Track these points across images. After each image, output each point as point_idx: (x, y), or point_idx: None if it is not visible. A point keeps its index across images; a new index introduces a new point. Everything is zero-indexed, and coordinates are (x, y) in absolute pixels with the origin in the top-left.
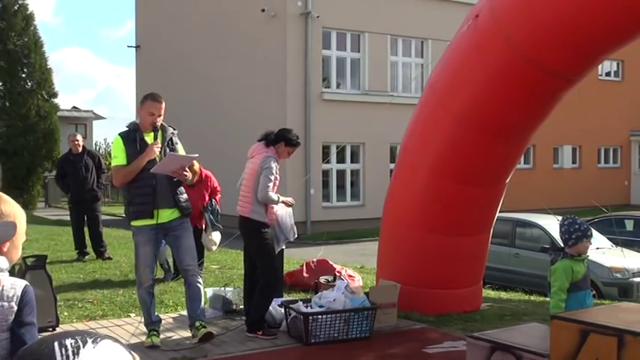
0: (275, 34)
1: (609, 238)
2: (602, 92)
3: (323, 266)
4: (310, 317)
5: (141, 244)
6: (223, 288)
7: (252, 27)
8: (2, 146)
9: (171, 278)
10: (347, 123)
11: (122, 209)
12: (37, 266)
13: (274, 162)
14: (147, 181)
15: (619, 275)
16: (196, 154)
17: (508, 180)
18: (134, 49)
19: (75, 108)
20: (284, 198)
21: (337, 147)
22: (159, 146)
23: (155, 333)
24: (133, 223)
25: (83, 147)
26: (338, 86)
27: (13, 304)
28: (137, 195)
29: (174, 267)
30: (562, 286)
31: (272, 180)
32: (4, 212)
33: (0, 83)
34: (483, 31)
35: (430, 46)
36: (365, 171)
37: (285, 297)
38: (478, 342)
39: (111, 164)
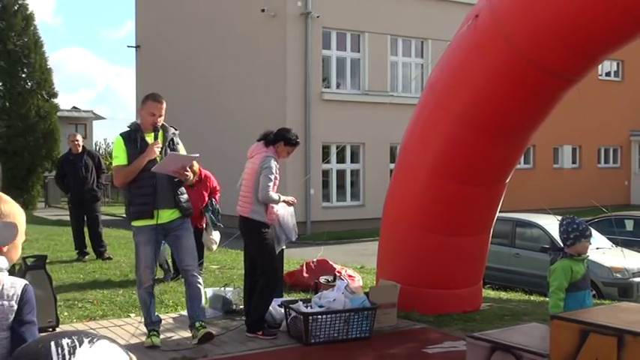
0: (275, 34)
1: (609, 238)
2: (602, 92)
3: (323, 266)
4: (310, 317)
5: (141, 245)
6: (223, 288)
7: (252, 27)
8: (2, 146)
9: (170, 278)
10: (347, 123)
11: (122, 209)
12: (37, 266)
13: (274, 162)
14: (147, 182)
15: (619, 275)
16: (197, 154)
17: (508, 180)
18: (134, 49)
19: (75, 108)
20: (285, 197)
21: (337, 147)
22: (159, 146)
23: (155, 333)
24: (134, 224)
25: (83, 147)
26: (338, 86)
27: (13, 303)
28: (137, 195)
29: (173, 267)
30: (560, 286)
31: (272, 180)
32: (4, 212)
33: (0, 83)
34: (483, 31)
35: (430, 46)
36: (365, 171)
37: (285, 297)
38: (478, 342)
39: (111, 164)
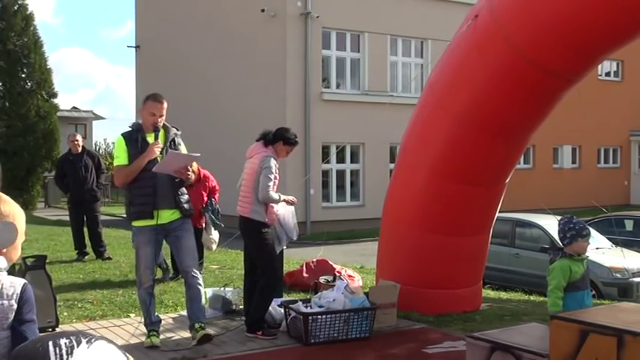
0: (275, 35)
1: (609, 238)
2: (601, 92)
3: (323, 266)
4: (310, 317)
5: (141, 245)
6: (223, 288)
7: (251, 27)
8: (2, 146)
9: (169, 278)
10: (347, 123)
11: (122, 209)
12: (37, 266)
13: (273, 161)
14: (147, 182)
15: (619, 275)
16: (198, 154)
17: (508, 180)
18: (134, 50)
19: (75, 108)
20: (285, 197)
21: (337, 147)
22: (159, 146)
23: (155, 333)
24: (134, 224)
25: (83, 147)
26: (338, 86)
27: (13, 302)
28: (138, 195)
29: (173, 267)
30: (558, 285)
31: (272, 179)
32: (4, 212)
33: (0, 83)
34: (483, 32)
35: (430, 46)
36: (365, 171)
37: (284, 297)
38: (478, 342)
39: (110, 164)
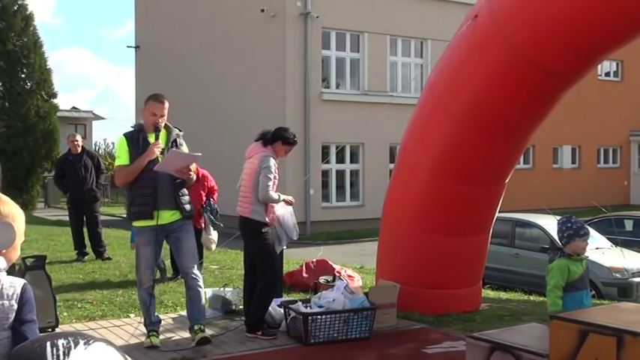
0: (274, 35)
1: (609, 238)
2: (601, 92)
3: (322, 266)
4: (310, 317)
5: (141, 245)
6: (223, 288)
7: (251, 27)
8: (2, 146)
9: (168, 278)
10: (346, 123)
11: (121, 209)
12: (37, 266)
13: (273, 161)
14: (148, 182)
15: (618, 275)
16: (199, 154)
17: (508, 180)
18: (134, 50)
19: (74, 108)
20: (284, 196)
21: (337, 147)
22: (159, 146)
23: (155, 333)
24: (134, 224)
25: (82, 147)
26: (337, 86)
27: (14, 302)
28: (138, 195)
29: (173, 267)
30: (557, 284)
31: (271, 179)
32: (4, 213)
33: (0, 83)
34: (482, 32)
35: (429, 47)
36: (364, 171)
37: (284, 297)
38: (477, 342)
39: (110, 165)
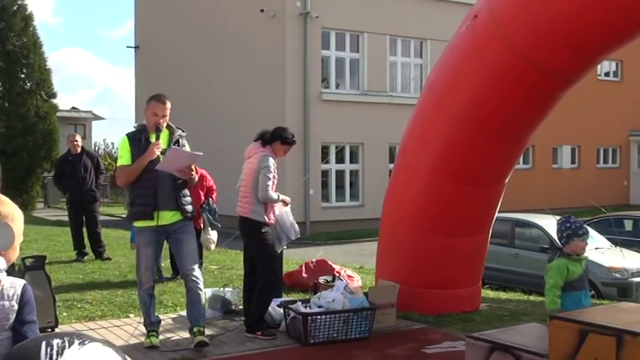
0: (274, 35)
1: (608, 239)
2: (601, 92)
3: (322, 266)
4: (309, 317)
5: (142, 246)
6: (222, 288)
7: (251, 27)
8: (1, 147)
9: (166, 278)
10: (346, 123)
11: (121, 210)
12: (36, 267)
13: (272, 160)
14: (149, 182)
15: (618, 275)
16: (201, 153)
17: (507, 180)
18: (133, 50)
19: (74, 108)
20: (282, 197)
21: (336, 147)
22: (159, 147)
23: (154, 334)
24: (135, 224)
25: (82, 147)
26: (337, 86)
27: (14, 303)
28: (139, 196)
29: (173, 267)
30: (555, 283)
31: (271, 178)
32: (3, 214)
33: None
34: (482, 32)
35: (429, 47)
36: (364, 171)
37: (284, 297)
38: (477, 342)
39: (109, 165)
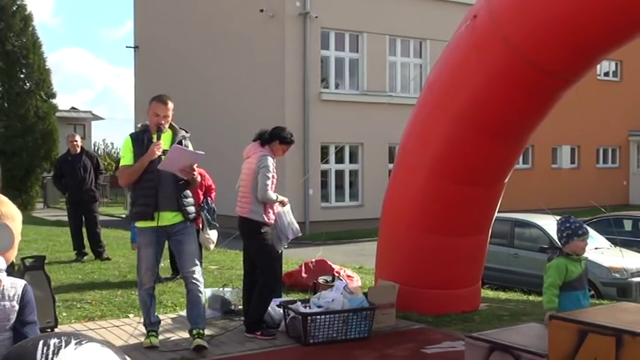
0: (273, 35)
1: (608, 238)
2: (600, 92)
3: (321, 266)
4: (309, 317)
5: (142, 246)
6: (222, 288)
7: (250, 27)
8: (1, 147)
9: (165, 278)
10: (345, 123)
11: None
12: (36, 267)
13: (271, 160)
14: (150, 182)
15: (618, 275)
16: (202, 152)
17: (507, 180)
18: (133, 50)
19: (73, 108)
20: (281, 197)
21: (336, 147)
22: (160, 147)
23: (154, 334)
24: (137, 224)
25: (81, 147)
26: (336, 87)
27: (15, 304)
28: (140, 196)
29: (172, 267)
30: (554, 282)
31: (270, 178)
32: (2, 214)
33: None
34: (481, 32)
35: (429, 47)
36: (364, 171)
37: (283, 297)
38: (477, 342)
39: (109, 165)
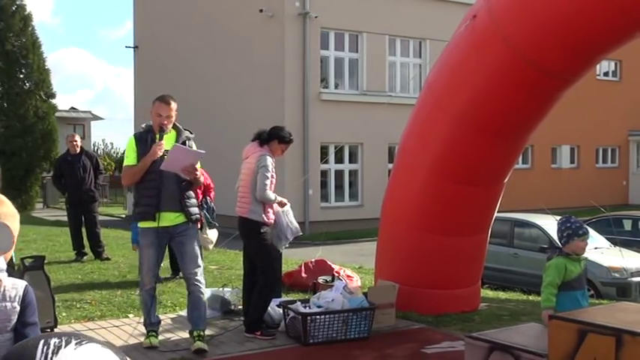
0: (273, 35)
1: (608, 238)
2: (600, 92)
3: (321, 266)
4: (308, 317)
5: (144, 247)
6: (222, 288)
7: (250, 27)
8: (0, 147)
9: (163, 278)
10: (345, 123)
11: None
12: (36, 267)
13: (270, 160)
14: (152, 183)
15: (617, 275)
16: (203, 151)
17: (506, 180)
18: (132, 50)
19: (73, 109)
20: (279, 198)
21: (335, 147)
22: (162, 147)
23: (154, 334)
24: (139, 225)
25: (81, 148)
26: (336, 86)
27: (16, 305)
28: (142, 196)
29: (172, 267)
30: (552, 282)
31: (269, 177)
32: (2, 214)
33: None
34: (481, 32)
35: (428, 47)
36: (363, 171)
37: (283, 297)
38: (476, 342)
39: (108, 165)
